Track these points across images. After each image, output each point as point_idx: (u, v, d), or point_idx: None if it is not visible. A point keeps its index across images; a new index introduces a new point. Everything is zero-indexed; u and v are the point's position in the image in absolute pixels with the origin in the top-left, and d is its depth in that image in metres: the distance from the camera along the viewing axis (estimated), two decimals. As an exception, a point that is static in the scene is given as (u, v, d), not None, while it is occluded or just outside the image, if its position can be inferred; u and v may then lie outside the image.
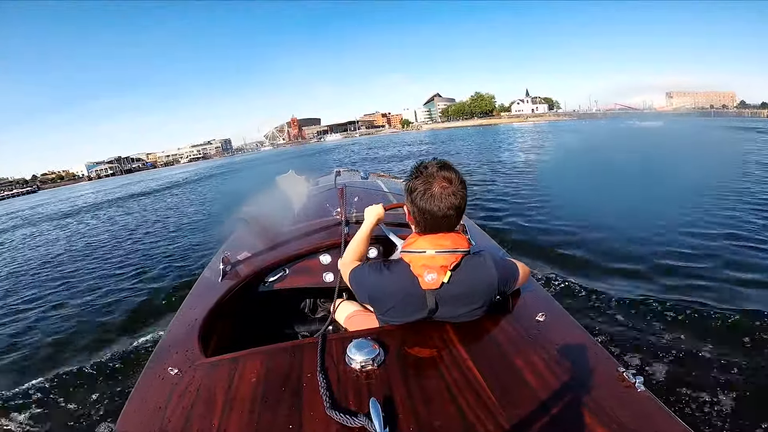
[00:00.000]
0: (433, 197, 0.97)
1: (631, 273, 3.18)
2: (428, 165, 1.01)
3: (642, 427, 0.71)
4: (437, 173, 0.98)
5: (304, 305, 1.99)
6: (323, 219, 1.89)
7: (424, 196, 0.98)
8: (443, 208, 0.97)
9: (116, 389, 2.34)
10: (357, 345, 0.94)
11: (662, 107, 73.18)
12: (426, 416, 0.76)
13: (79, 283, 4.83)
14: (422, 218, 1.01)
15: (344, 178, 2.79)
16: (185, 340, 1.17)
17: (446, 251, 1.00)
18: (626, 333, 2.35)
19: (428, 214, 0.99)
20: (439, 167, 0.99)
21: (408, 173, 1.06)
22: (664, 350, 2.14)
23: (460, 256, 1.01)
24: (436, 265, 0.99)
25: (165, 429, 0.82)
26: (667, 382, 1.92)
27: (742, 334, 2.21)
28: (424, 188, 0.98)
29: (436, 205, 0.97)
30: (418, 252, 1.01)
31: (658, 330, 2.34)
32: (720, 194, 5.49)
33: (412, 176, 1.02)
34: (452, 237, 1.02)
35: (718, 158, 9.42)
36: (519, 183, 7.89)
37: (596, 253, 3.62)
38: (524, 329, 1.01)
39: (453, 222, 1.02)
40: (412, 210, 1.02)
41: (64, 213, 14.50)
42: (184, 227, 7.79)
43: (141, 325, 3.25)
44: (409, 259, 1.03)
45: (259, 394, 0.88)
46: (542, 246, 3.97)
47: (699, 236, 3.88)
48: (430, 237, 1.02)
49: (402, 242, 1.33)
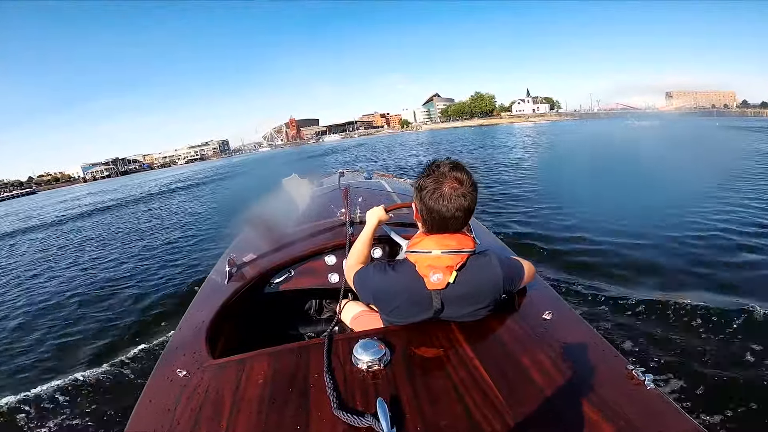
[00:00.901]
0: (442, 197, 0.97)
1: (639, 271, 3.18)
2: (440, 164, 1.01)
3: (652, 425, 0.71)
4: (449, 173, 0.98)
5: (309, 306, 1.99)
6: (327, 220, 1.89)
7: (434, 195, 0.97)
8: (452, 208, 0.97)
9: (126, 391, 2.36)
10: (363, 345, 0.94)
11: (663, 107, 72.68)
12: (433, 416, 0.76)
13: (86, 287, 4.88)
14: (430, 217, 1.00)
15: (348, 178, 2.81)
16: (193, 342, 1.17)
17: (452, 251, 1.00)
18: (635, 330, 2.34)
19: (436, 213, 0.98)
20: (451, 167, 0.99)
21: (419, 171, 1.05)
22: (674, 348, 2.14)
23: (466, 256, 1.01)
24: (441, 265, 0.99)
25: (174, 430, 0.83)
26: (678, 380, 1.91)
27: (756, 333, 2.20)
28: (434, 187, 0.97)
29: (445, 205, 0.97)
30: (423, 252, 1.01)
31: (668, 327, 2.34)
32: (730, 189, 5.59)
33: (424, 174, 1.02)
34: (458, 237, 1.02)
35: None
36: (518, 182, 7.92)
37: (603, 251, 3.64)
38: (531, 328, 1.01)
39: (460, 223, 1.01)
40: (420, 208, 1.02)
41: (72, 215, 14.40)
42: (190, 230, 7.84)
43: (149, 328, 3.28)
44: (414, 259, 1.03)
45: (266, 395, 0.88)
46: (548, 244, 3.97)
47: (715, 234, 3.90)
48: (436, 237, 1.02)
49: (406, 242, 1.34)
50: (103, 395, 2.36)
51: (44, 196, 44.22)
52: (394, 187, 2.59)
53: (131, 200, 16.11)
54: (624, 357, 0.90)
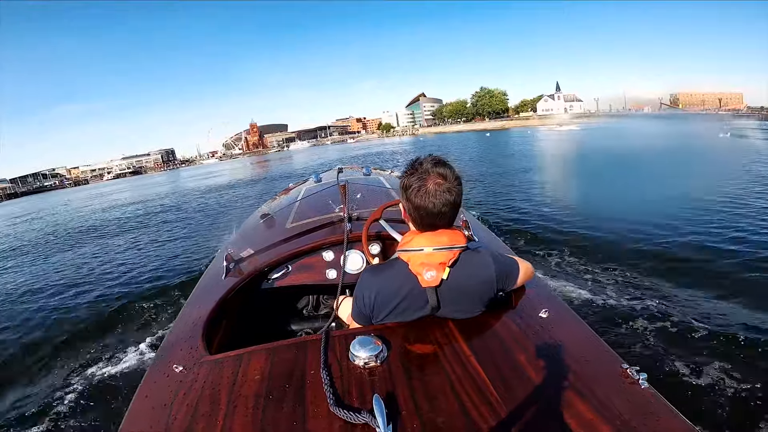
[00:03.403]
0: (428, 194, 0.97)
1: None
2: (423, 161, 1.01)
3: (645, 424, 0.72)
4: (432, 169, 0.98)
5: (307, 302, 1.99)
6: (326, 216, 1.88)
7: (419, 193, 0.97)
8: (438, 204, 0.97)
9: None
10: (360, 342, 0.95)
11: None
12: (429, 412, 0.77)
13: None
14: (418, 215, 1.00)
15: (346, 174, 2.80)
16: (190, 338, 1.17)
17: (444, 248, 1.00)
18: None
19: (423, 210, 0.98)
20: (433, 163, 0.99)
21: (403, 170, 1.05)
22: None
23: (458, 252, 1.02)
24: (434, 262, 0.99)
25: (171, 426, 0.82)
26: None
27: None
28: (418, 185, 0.97)
29: (431, 201, 0.97)
30: (415, 250, 1.01)
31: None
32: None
33: (407, 173, 1.02)
34: (449, 233, 1.03)
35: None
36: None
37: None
38: (527, 326, 1.02)
39: (448, 218, 1.02)
40: (408, 207, 1.02)
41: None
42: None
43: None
44: (407, 257, 1.03)
45: (263, 391, 0.88)
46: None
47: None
48: (428, 234, 1.02)
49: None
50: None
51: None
52: (392, 183, 2.59)
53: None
54: (619, 356, 0.91)
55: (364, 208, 1.85)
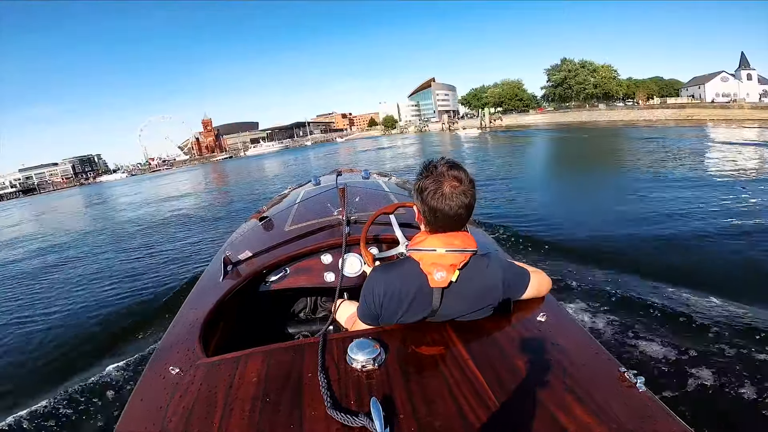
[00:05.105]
0: (444, 196, 0.98)
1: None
2: (437, 164, 1.02)
3: (643, 427, 0.72)
4: (447, 172, 0.99)
5: (304, 305, 1.99)
6: (324, 219, 1.88)
7: (435, 195, 0.98)
8: (454, 207, 0.98)
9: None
10: (358, 345, 0.94)
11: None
12: (427, 416, 0.77)
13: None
14: (433, 217, 1.01)
15: (345, 177, 2.81)
16: (186, 340, 1.16)
17: (456, 250, 1.01)
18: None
19: (440, 212, 0.99)
20: (448, 167, 1.00)
21: (417, 173, 1.06)
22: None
23: (469, 255, 1.02)
24: (445, 263, 1.00)
25: (166, 428, 0.82)
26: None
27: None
28: (434, 187, 0.98)
29: (447, 204, 0.98)
30: (428, 250, 1.02)
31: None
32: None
33: (422, 176, 1.02)
34: (461, 236, 1.03)
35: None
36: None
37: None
38: (525, 329, 1.02)
39: (463, 220, 1.03)
40: (423, 209, 1.02)
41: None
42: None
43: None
44: (418, 256, 1.03)
45: (260, 393, 0.87)
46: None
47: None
48: (441, 235, 1.03)
49: (404, 241, 1.36)
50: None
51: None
52: (391, 187, 2.60)
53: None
54: (616, 360, 0.91)
55: (363, 212, 1.85)
